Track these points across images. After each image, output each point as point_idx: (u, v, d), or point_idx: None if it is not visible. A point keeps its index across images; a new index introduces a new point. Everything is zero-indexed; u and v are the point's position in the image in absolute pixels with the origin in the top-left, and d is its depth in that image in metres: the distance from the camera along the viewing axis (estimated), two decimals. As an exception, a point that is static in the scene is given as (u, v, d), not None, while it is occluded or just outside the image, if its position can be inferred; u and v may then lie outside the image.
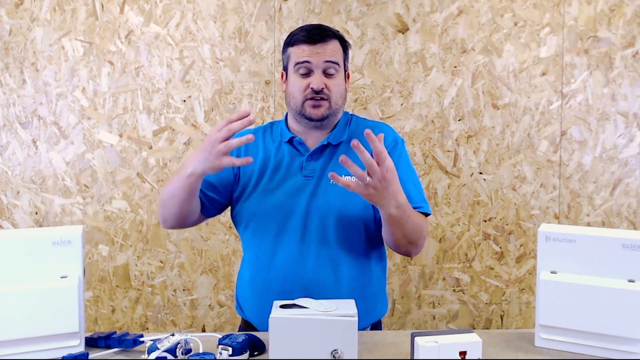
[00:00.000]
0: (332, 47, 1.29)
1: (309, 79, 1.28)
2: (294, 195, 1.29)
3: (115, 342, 1.09)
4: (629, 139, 2.14)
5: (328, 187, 1.29)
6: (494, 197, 2.16)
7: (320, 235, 1.27)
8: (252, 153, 1.34)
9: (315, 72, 1.28)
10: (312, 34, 1.28)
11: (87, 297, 2.14)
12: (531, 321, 2.17)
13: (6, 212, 2.12)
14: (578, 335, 1.07)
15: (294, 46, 1.30)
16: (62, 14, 2.09)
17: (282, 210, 1.29)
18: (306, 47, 1.28)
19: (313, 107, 1.28)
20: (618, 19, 2.11)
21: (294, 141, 1.34)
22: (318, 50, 1.27)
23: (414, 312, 2.18)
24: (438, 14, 2.11)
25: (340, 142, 1.33)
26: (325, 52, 1.27)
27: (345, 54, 1.34)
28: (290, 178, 1.31)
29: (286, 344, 0.96)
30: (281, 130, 1.37)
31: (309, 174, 1.31)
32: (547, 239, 1.10)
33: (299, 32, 1.30)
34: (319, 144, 1.33)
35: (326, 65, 1.28)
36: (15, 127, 2.11)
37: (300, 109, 1.30)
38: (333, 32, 1.32)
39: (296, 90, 1.29)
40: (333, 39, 1.30)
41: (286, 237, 1.28)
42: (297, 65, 1.28)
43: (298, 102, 1.30)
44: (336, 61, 1.29)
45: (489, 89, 2.13)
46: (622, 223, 2.16)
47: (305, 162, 1.31)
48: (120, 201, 2.12)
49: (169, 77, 2.11)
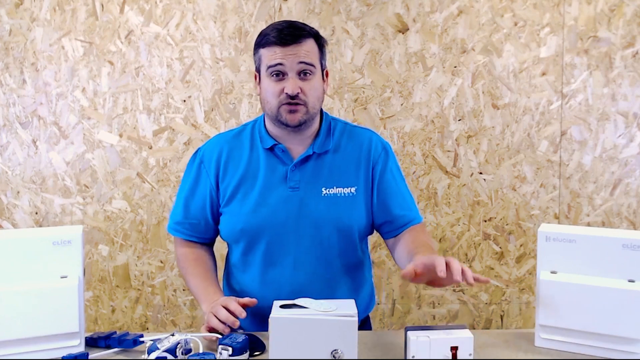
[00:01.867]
0: (307, 47, 1.20)
1: (283, 83, 1.20)
2: (281, 209, 1.24)
3: (115, 342, 1.09)
4: (629, 139, 2.14)
5: (320, 199, 1.24)
6: (494, 197, 2.16)
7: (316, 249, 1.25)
8: (233, 162, 1.29)
9: (289, 76, 1.19)
10: (283, 34, 1.19)
11: (87, 297, 2.14)
12: (531, 321, 2.17)
13: (6, 212, 2.12)
14: (578, 335, 1.07)
15: (265, 47, 1.22)
16: (62, 14, 2.09)
17: (271, 225, 1.24)
18: (278, 49, 1.19)
19: (289, 112, 1.21)
20: (618, 19, 2.11)
21: (276, 149, 1.27)
22: (291, 52, 1.19)
23: (414, 312, 2.18)
24: (438, 14, 2.11)
25: (325, 151, 1.27)
26: (299, 54, 1.19)
27: (322, 52, 1.26)
28: (274, 189, 1.25)
29: (286, 344, 0.96)
30: (261, 134, 1.30)
31: (295, 185, 1.25)
32: (547, 239, 1.10)
33: (270, 32, 1.21)
34: (304, 153, 1.26)
35: (300, 67, 1.20)
36: (15, 127, 2.11)
37: (276, 115, 1.22)
38: (307, 30, 1.22)
39: (270, 95, 1.22)
40: (307, 38, 1.21)
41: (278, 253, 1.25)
42: (270, 68, 1.20)
43: (273, 108, 1.22)
44: (311, 62, 1.21)
45: (489, 89, 2.13)
46: (622, 223, 2.16)
47: (290, 173, 1.25)
48: (120, 201, 2.12)
49: (169, 77, 2.11)
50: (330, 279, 1.27)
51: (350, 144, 1.30)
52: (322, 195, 1.25)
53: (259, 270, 1.27)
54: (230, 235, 1.31)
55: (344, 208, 1.25)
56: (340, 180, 1.26)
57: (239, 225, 1.27)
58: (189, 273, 1.31)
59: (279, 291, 1.22)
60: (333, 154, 1.28)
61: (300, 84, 1.20)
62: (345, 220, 1.25)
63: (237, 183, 1.28)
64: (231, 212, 1.28)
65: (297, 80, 1.20)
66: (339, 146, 1.29)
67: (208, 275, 1.30)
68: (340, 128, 1.32)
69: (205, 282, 1.27)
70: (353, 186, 1.26)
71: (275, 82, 1.21)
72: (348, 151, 1.29)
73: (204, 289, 1.25)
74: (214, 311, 1.12)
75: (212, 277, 1.30)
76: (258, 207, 1.25)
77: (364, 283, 1.35)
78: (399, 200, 1.30)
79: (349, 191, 1.26)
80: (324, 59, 1.27)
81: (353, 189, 1.26)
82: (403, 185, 1.33)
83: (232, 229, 1.29)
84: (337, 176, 1.26)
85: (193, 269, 1.31)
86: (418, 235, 1.27)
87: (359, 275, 1.34)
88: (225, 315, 1.09)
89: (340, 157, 1.28)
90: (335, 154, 1.28)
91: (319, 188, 1.25)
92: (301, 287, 1.23)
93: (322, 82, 1.27)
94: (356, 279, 1.33)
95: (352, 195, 1.26)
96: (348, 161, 1.28)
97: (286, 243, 1.25)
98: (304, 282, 1.25)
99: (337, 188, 1.26)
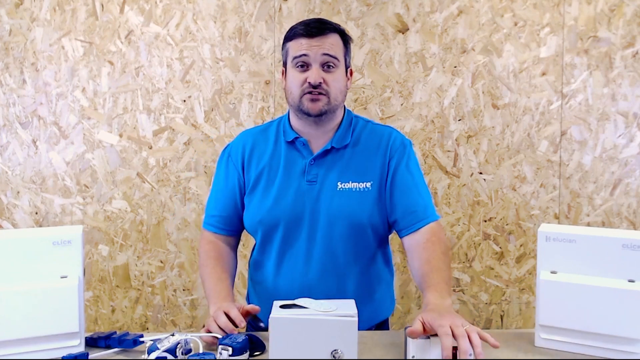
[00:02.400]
0: (331, 40, 1.25)
1: (307, 73, 1.24)
2: (298, 202, 1.27)
3: (115, 342, 1.09)
4: (629, 139, 2.14)
5: (334, 193, 1.26)
6: (494, 197, 2.16)
7: (327, 243, 1.26)
8: (257, 154, 1.33)
9: (313, 66, 1.24)
10: (310, 27, 1.24)
11: (87, 297, 2.14)
12: (531, 321, 2.17)
13: (6, 212, 2.12)
14: (578, 335, 1.07)
15: (292, 40, 1.27)
16: (62, 14, 2.09)
17: (287, 218, 1.27)
18: (304, 40, 1.24)
19: (311, 101, 1.24)
20: (618, 19, 2.11)
21: (297, 142, 1.31)
22: (316, 43, 1.23)
23: (414, 312, 2.18)
24: (438, 14, 2.11)
25: (344, 145, 1.30)
26: (324, 45, 1.23)
27: (347, 48, 1.30)
28: (293, 182, 1.28)
29: (286, 344, 0.96)
30: (284, 129, 1.34)
31: (313, 179, 1.27)
32: (547, 239, 1.10)
33: (298, 26, 1.27)
34: (323, 148, 1.29)
35: (324, 59, 1.24)
36: (15, 127, 2.11)
37: (298, 104, 1.26)
38: (333, 25, 1.27)
39: (294, 84, 1.26)
40: (333, 32, 1.26)
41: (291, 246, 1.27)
42: (295, 59, 1.25)
43: (296, 97, 1.26)
44: (334, 55, 1.25)
45: (489, 89, 2.13)
46: (622, 223, 2.16)
47: (308, 167, 1.28)
48: (120, 201, 2.12)
49: (169, 77, 2.11)
50: (340, 274, 1.27)
51: (370, 139, 1.32)
52: (337, 190, 1.26)
53: (274, 262, 1.30)
54: (250, 227, 1.34)
55: (356, 203, 1.25)
56: (357, 174, 1.28)
57: (258, 216, 1.30)
58: (206, 272, 1.32)
59: (291, 283, 1.25)
60: (352, 148, 1.30)
61: (323, 74, 1.24)
62: (357, 215, 1.25)
63: (258, 175, 1.31)
64: (252, 203, 1.31)
65: (321, 71, 1.24)
66: (358, 141, 1.31)
67: (223, 277, 1.30)
68: (362, 125, 1.35)
69: (218, 284, 1.27)
70: (369, 181, 1.27)
71: (300, 72, 1.25)
72: (366, 146, 1.30)
73: (215, 291, 1.26)
74: (215, 316, 1.13)
75: (226, 280, 1.31)
76: (276, 200, 1.27)
77: (379, 282, 1.34)
78: (413, 196, 1.28)
79: (364, 186, 1.27)
80: (348, 55, 1.31)
81: (369, 184, 1.27)
82: (421, 183, 1.31)
83: (251, 220, 1.32)
84: (354, 171, 1.28)
85: (211, 268, 1.31)
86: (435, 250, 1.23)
87: (372, 273, 1.33)
88: (224, 322, 1.10)
89: (359, 152, 1.30)
90: (354, 149, 1.30)
91: (335, 182, 1.27)
92: (312, 281, 1.25)
93: (345, 77, 1.30)
94: (370, 277, 1.32)
95: (367, 190, 1.27)
96: (365, 156, 1.30)
97: (300, 236, 1.26)
98: (314, 276, 1.26)
99: (353, 183, 1.27)
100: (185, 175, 2.13)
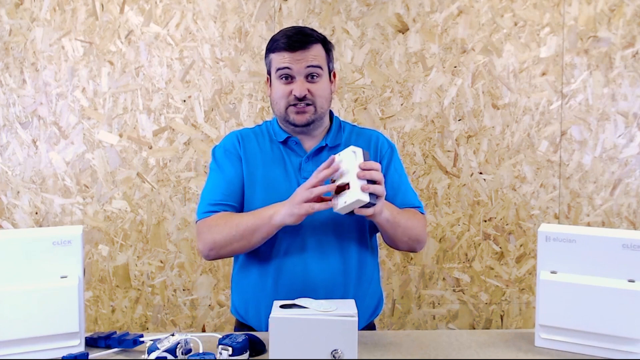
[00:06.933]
0: (314, 52, 1.27)
1: (292, 85, 1.26)
2: None
3: (115, 342, 1.09)
4: (629, 139, 2.14)
5: None
6: (494, 197, 2.16)
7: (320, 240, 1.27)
8: (251, 154, 1.33)
9: (297, 79, 1.26)
10: (292, 40, 1.26)
11: (87, 297, 2.14)
12: (531, 321, 2.17)
13: (6, 212, 2.12)
14: (578, 335, 1.07)
15: (275, 52, 1.28)
16: (62, 14, 2.09)
17: None
18: (287, 54, 1.25)
19: (297, 113, 1.27)
20: (618, 19, 2.11)
21: (289, 141, 1.33)
22: (299, 57, 1.25)
23: (414, 312, 2.18)
24: (438, 14, 2.11)
25: (337, 144, 1.33)
26: (307, 58, 1.26)
27: (329, 55, 1.32)
28: (288, 180, 1.30)
29: (286, 344, 0.96)
30: (274, 130, 1.35)
31: (308, 176, 1.27)
32: (547, 239, 1.10)
33: (280, 39, 1.28)
34: (317, 145, 1.32)
35: (308, 71, 1.26)
36: (15, 127, 2.11)
37: (284, 115, 1.29)
38: (315, 36, 1.29)
39: (279, 96, 1.28)
40: (314, 43, 1.28)
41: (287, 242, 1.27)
42: (279, 71, 1.27)
43: (282, 108, 1.28)
44: (318, 65, 1.27)
45: (489, 89, 2.13)
46: (622, 223, 2.16)
47: (303, 164, 1.30)
48: (120, 201, 2.12)
49: (169, 77, 2.11)
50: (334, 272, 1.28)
51: (359, 141, 1.36)
52: None
53: (270, 260, 1.29)
54: None
55: None
56: None
57: None
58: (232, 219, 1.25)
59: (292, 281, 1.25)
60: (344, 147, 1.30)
61: (307, 85, 1.27)
62: None
63: (254, 171, 1.31)
64: (247, 200, 1.31)
65: (305, 83, 1.27)
66: (348, 142, 1.34)
67: None
68: (349, 128, 1.40)
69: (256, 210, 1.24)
70: None
71: (284, 84, 1.28)
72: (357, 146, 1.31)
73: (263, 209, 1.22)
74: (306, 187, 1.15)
75: None
76: (271, 197, 1.27)
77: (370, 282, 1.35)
78: (402, 194, 1.34)
79: None
80: (331, 61, 1.34)
81: None
82: (408, 183, 1.39)
83: None
84: None
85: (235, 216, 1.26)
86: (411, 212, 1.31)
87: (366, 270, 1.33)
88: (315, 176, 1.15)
89: None
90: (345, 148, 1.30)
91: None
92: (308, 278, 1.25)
93: (329, 83, 1.33)
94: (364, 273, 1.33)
95: None
96: None
97: (296, 233, 1.26)
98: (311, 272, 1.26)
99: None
100: (185, 175, 2.13)
